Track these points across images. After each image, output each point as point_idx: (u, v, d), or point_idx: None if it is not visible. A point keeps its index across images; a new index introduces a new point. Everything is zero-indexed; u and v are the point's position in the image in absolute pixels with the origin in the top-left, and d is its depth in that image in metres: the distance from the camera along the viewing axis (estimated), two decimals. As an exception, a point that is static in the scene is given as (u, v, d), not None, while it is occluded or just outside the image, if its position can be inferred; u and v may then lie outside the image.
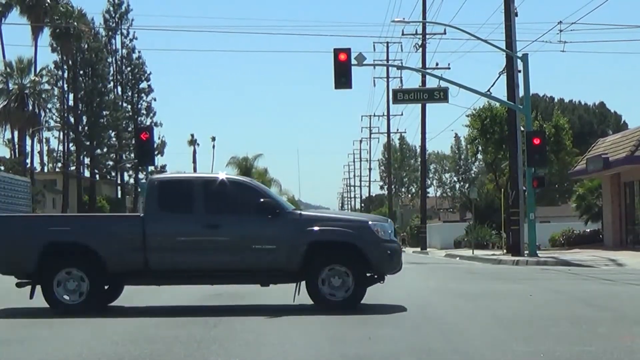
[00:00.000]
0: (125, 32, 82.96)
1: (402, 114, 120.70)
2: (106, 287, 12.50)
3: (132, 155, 73.99)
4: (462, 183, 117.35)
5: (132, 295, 15.66)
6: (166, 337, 9.15)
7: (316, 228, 12.02)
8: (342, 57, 30.02)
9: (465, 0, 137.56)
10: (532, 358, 7.89)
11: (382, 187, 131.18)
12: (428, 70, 44.21)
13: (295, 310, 12.14)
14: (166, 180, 13.34)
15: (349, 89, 30.77)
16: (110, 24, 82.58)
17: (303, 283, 12.41)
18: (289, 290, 16.42)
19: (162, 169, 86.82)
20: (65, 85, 76.99)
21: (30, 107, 74.58)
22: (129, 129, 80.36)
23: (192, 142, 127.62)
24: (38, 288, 11.96)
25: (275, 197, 12.92)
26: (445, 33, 51.40)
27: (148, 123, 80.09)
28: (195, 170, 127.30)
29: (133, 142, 68.38)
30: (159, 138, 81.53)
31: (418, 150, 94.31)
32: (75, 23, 72.68)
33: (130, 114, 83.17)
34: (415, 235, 68.39)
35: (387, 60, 67.25)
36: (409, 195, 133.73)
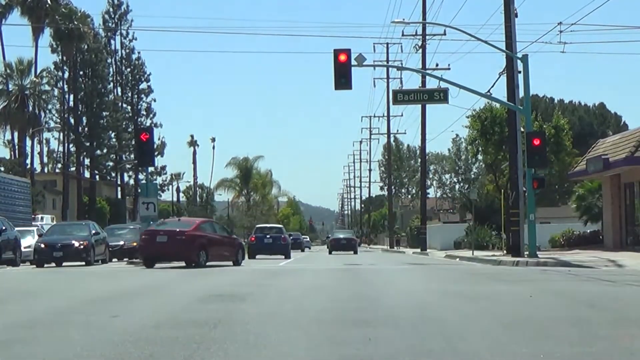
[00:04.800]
0: (124, 32, 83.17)
1: (402, 115, 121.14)
2: None
3: (132, 156, 74.09)
4: (462, 184, 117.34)
5: (132, 295, 15.68)
6: (166, 338, 9.15)
7: None
8: (342, 57, 30.07)
9: (466, 1, 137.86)
10: (532, 359, 7.88)
11: (382, 188, 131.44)
12: (428, 71, 44.28)
13: (295, 311, 12.15)
14: None
15: (349, 90, 30.83)
16: (110, 24, 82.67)
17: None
18: (289, 291, 16.44)
19: (162, 169, 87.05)
20: (65, 86, 77.07)
21: (31, 108, 74.72)
22: (129, 129, 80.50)
23: (192, 142, 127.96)
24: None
25: None
26: (445, 34, 51.62)
27: (148, 124, 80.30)
28: (195, 171, 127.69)
29: (133, 143, 68.48)
30: (158, 139, 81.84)
31: (418, 151, 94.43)
32: (80, 25, 72.76)
33: (130, 114, 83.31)
34: (415, 236, 68.44)
35: (387, 61, 67.40)
36: (409, 196, 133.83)
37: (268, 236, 44.78)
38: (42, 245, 33.56)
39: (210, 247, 30.05)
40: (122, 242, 39.06)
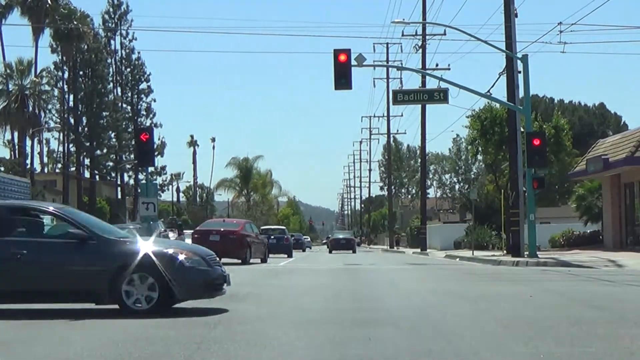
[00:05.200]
0: (124, 32, 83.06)
1: (402, 115, 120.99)
2: None
3: (132, 156, 74.03)
4: (462, 184, 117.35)
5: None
6: (166, 338, 9.16)
7: None
8: (342, 58, 30.04)
9: (466, 1, 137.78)
10: (532, 359, 7.89)
11: (382, 188, 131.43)
12: (428, 71, 44.25)
13: (296, 311, 12.15)
14: None
15: (348, 90, 30.80)
16: (110, 24, 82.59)
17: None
18: (289, 290, 16.45)
19: (162, 169, 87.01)
20: (65, 86, 77.01)
21: (31, 108, 74.65)
22: (129, 129, 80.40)
23: (192, 143, 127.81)
24: None
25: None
26: (445, 34, 51.56)
27: (148, 124, 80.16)
28: (195, 171, 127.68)
29: (133, 143, 68.44)
30: (158, 139, 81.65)
31: (418, 151, 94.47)
32: (79, 25, 72.70)
33: (130, 114, 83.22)
34: (415, 236, 68.41)
35: (387, 61, 67.34)
36: (409, 196, 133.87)
37: (272, 237, 46.62)
38: (42, 246, 33.43)
39: (252, 245, 32.77)
40: (122, 242, 39.01)
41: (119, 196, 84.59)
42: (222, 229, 32.52)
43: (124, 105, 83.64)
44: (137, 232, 38.43)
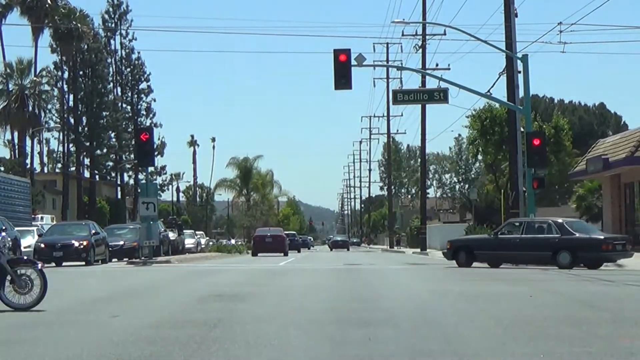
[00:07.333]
0: (124, 32, 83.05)
1: (402, 115, 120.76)
2: None
3: (132, 156, 74.02)
4: (462, 184, 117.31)
5: (132, 295, 15.67)
6: (166, 338, 9.15)
7: None
8: (342, 58, 30.07)
9: (466, 1, 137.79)
10: (532, 359, 7.88)
11: (382, 188, 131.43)
12: (428, 71, 44.23)
13: (296, 311, 12.15)
14: None
15: (348, 90, 30.84)
16: (110, 24, 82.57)
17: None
18: (289, 290, 16.44)
19: (162, 169, 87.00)
20: (65, 86, 77.01)
21: (30, 108, 74.64)
22: (129, 129, 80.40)
23: (192, 143, 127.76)
24: None
25: None
26: (445, 34, 51.52)
27: (148, 124, 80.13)
28: (195, 170, 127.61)
29: (133, 142, 68.43)
30: (158, 139, 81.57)
31: (418, 151, 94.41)
32: (79, 25, 72.65)
33: (130, 114, 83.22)
34: (415, 236, 68.41)
35: (387, 61, 67.31)
36: (409, 196, 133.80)
37: (287, 238, 59.40)
38: (42, 245, 33.51)
39: (288, 244, 51.41)
40: (122, 242, 38.98)
41: (119, 196, 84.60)
42: (273, 234, 50.91)
43: (124, 105, 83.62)
44: (137, 232, 38.59)
